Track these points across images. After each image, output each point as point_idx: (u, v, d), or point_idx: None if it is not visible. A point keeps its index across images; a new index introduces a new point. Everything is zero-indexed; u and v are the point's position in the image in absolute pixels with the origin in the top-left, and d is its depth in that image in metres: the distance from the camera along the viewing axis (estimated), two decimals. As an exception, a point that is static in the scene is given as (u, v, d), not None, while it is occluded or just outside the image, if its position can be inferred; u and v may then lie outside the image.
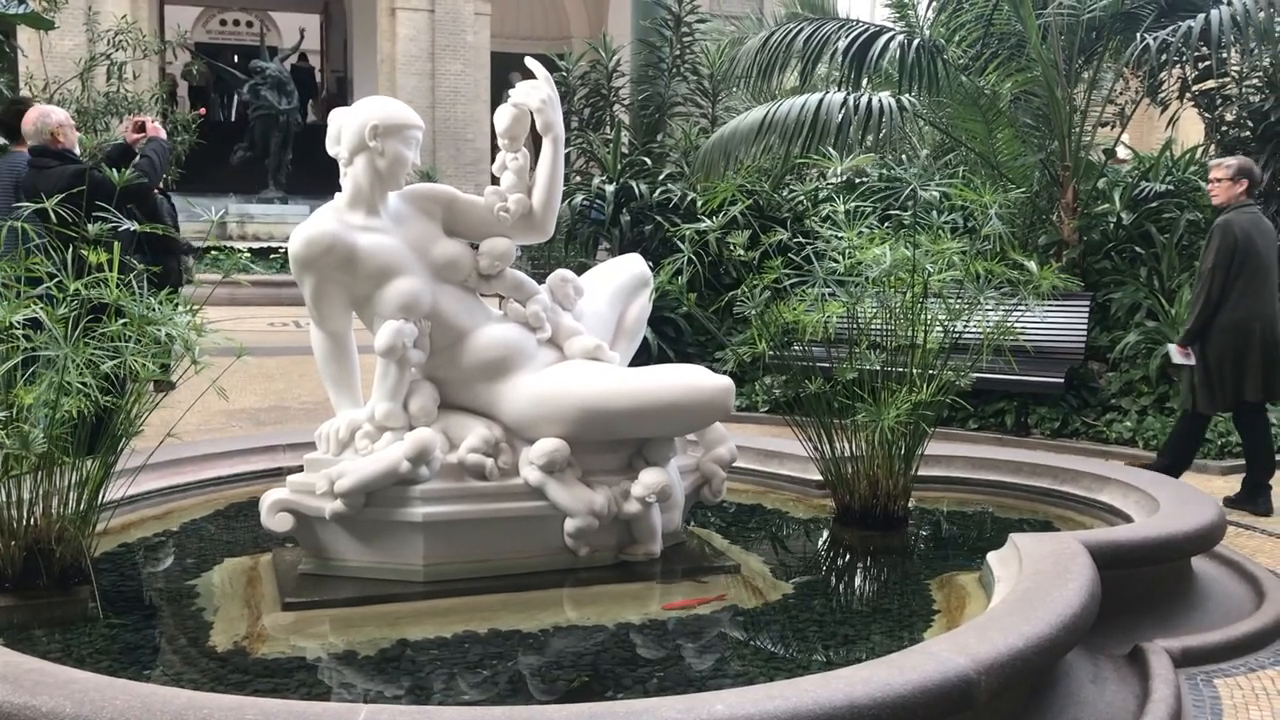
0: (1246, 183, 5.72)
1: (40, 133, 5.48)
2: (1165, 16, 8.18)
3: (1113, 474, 4.75)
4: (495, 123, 3.89)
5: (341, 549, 3.74)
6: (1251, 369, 5.57)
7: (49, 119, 5.52)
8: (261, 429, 7.34)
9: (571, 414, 3.72)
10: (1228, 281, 5.52)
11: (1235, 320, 5.54)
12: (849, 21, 9.10)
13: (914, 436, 4.22)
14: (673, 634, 3.51)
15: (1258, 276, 5.55)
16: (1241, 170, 5.76)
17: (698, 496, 4.21)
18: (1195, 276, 5.83)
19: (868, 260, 4.11)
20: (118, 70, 11.12)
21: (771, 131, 8.11)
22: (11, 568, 3.43)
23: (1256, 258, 5.56)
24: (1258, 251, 5.58)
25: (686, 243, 4.27)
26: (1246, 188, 5.72)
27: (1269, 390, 5.66)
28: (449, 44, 21.09)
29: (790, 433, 4.78)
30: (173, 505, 4.62)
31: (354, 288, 3.71)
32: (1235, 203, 5.72)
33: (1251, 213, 5.71)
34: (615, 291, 4.26)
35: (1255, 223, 5.68)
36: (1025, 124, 9.13)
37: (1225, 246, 5.54)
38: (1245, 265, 5.52)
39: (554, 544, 3.82)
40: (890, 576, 4.09)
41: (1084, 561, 3.41)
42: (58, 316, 3.29)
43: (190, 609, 3.60)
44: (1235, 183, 5.75)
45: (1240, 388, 5.60)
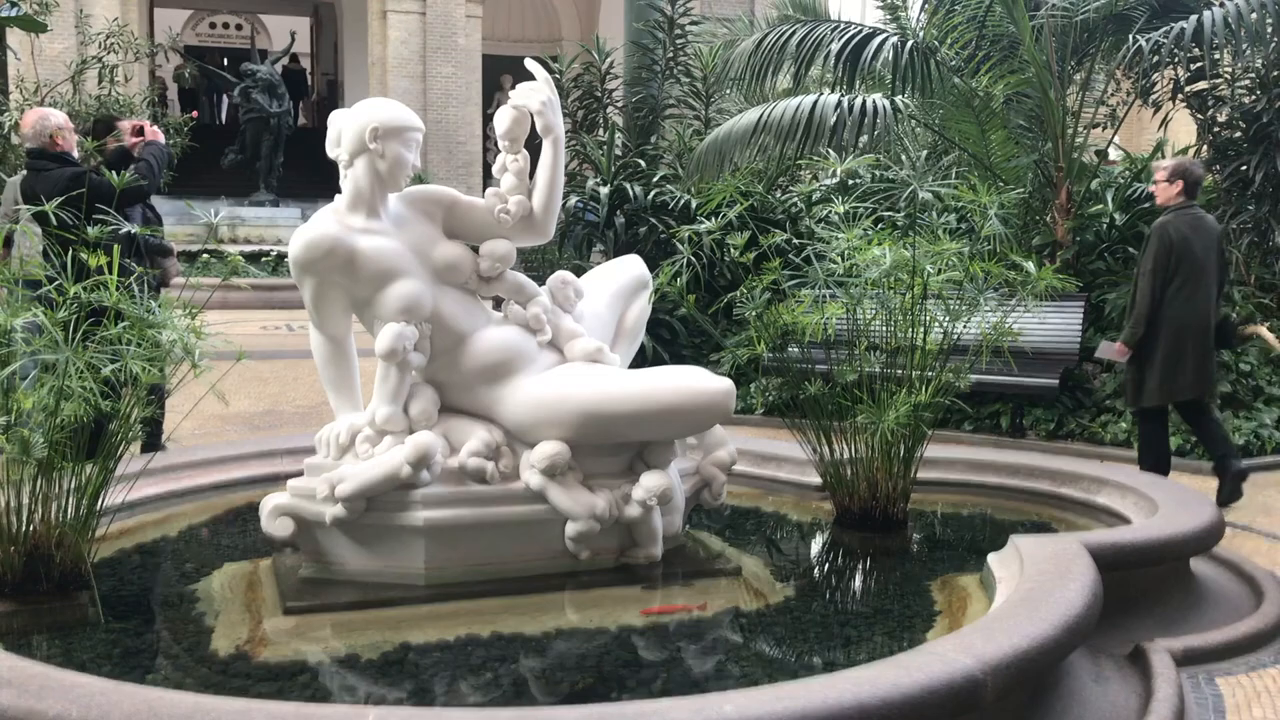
0: (1182, 184, 5.76)
1: (39, 135, 5.48)
2: (1157, 18, 8.21)
3: (1110, 476, 4.76)
4: (495, 125, 3.88)
5: (342, 553, 3.73)
6: (1185, 368, 5.66)
7: (48, 121, 5.53)
8: (256, 433, 7.32)
9: (572, 417, 3.72)
10: (1165, 283, 5.61)
11: (1171, 321, 5.63)
12: (842, 24, 9.11)
13: (913, 438, 4.22)
14: (675, 636, 3.51)
15: (1192, 279, 5.64)
16: (1176, 172, 5.80)
17: (698, 499, 4.21)
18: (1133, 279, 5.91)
19: (866, 261, 4.11)
20: (109, 73, 11.09)
21: (766, 133, 8.11)
22: (11, 573, 3.42)
23: (1192, 259, 5.64)
24: (1194, 253, 5.65)
25: (686, 244, 4.24)
26: (1183, 188, 5.76)
27: (1205, 388, 5.76)
28: (440, 46, 21.06)
29: (787, 435, 4.79)
30: (171, 511, 4.61)
31: (354, 291, 3.70)
32: (1174, 204, 5.77)
33: (1190, 214, 5.75)
34: (615, 293, 4.25)
35: (1193, 224, 5.72)
36: (1018, 125, 9.16)
37: (1162, 249, 5.61)
38: (1180, 267, 5.61)
39: (555, 547, 3.82)
40: (891, 578, 4.10)
41: (1085, 562, 3.42)
42: (57, 320, 3.27)
43: (191, 614, 3.58)
44: (1171, 184, 5.80)
45: (1174, 387, 5.68)
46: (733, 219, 5.77)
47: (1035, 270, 4.22)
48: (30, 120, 5.58)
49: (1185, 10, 8.12)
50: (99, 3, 17.26)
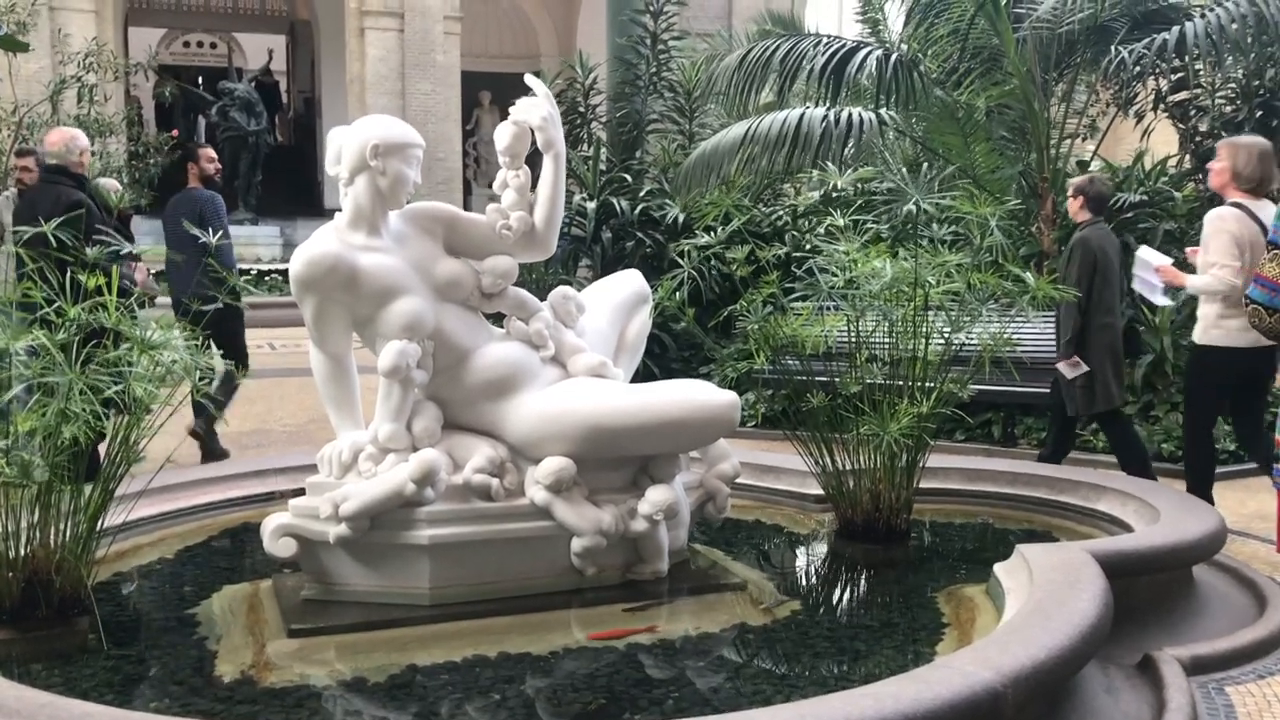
0: (1083, 199, 5.99)
1: (68, 154, 5.69)
2: (1138, 29, 8.28)
3: (1109, 483, 4.78)
4: (495, 140, 3.87)
5: (345, 573, 3.69)
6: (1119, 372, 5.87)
7: (78, 142, 5.79)
8: (245, 453, 7.25)
9: (577, 432, 3.70)
10: (1091, 291, 5.75)
11: (1104, 327, 5.80)
12: (826, 38, 9.15)
13: (915, 448, 4.22)
14: (683, 654, 3.48)
15: (1110, 286, 5.82)
16: (1077, 189, 6.07)
17: (702, 513, 4.19)
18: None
19: (866, 273, 4.11)
20: (89, 93, 11.01)
21: (755, 144, 8.13)
22: (9, 599, 3.35)
23: (1110, 269, 5.83)
24: (1111, 263, 5.85)
25: (686, 259, 4.23)
26: (1084, 203, 5.98)
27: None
28: (419, 63, 21.00)
29: (784, 447, 4.78)
30: (166, 532, 4.55)
31: (356, 308, 3.67)
32: (1089, 220, 5.98)
33: (1102, 228, 5.98)
34: (615, 308, 4.24)
35: (1105, 236, 5.95)
36: (1001, 137, 9.21)
37: (1086, 260, 5.76)
38: (1099, 276, 5.77)
39: (561, 564, 3.79)
40: (896, 590, 4.08)
41: (1094, 571, 3.42)
42: (58, 341, 3.23)
43: (192, 638, 3.53)
44: (1074, 199, 6.06)
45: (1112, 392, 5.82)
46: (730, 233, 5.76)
47: (1034, 280, 4.22)
48: (59, 139, 5.76)
49: (1165, 22, 8.20)
50: (74, 22, 17.12)
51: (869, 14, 13.19)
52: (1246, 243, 5.11)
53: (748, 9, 21.82)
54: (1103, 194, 6.08)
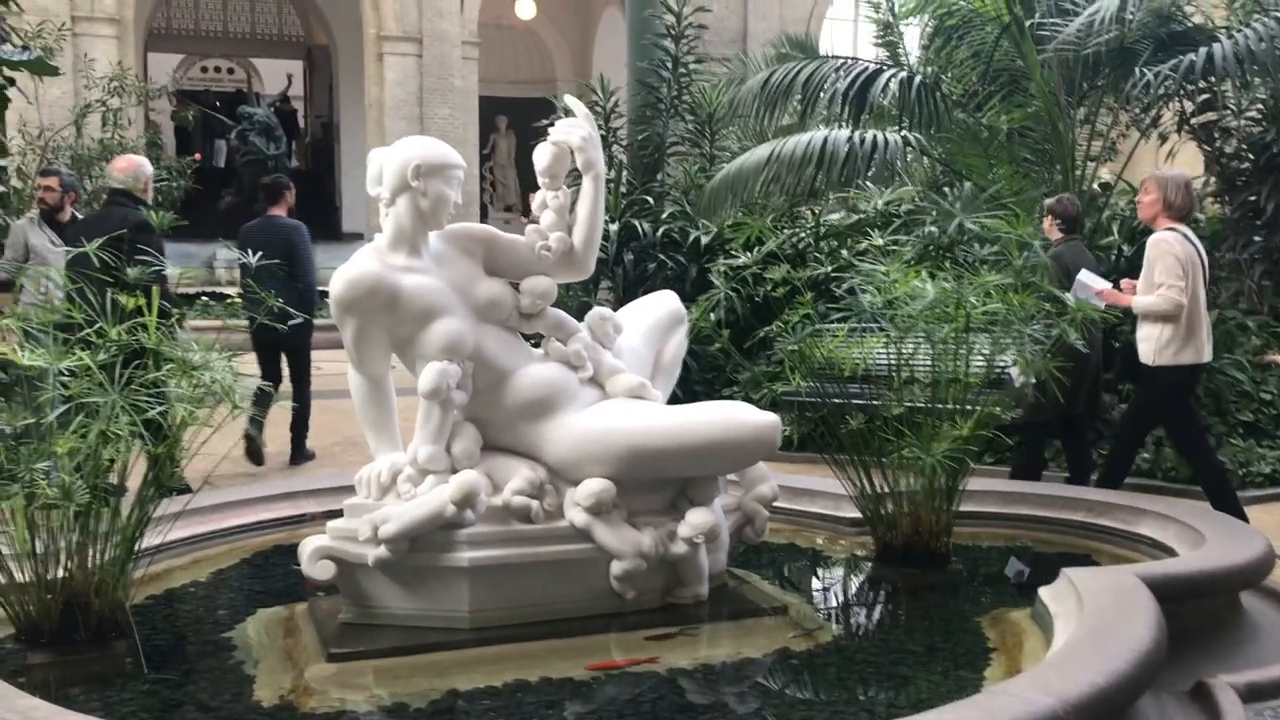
0: (1051, 218, 6.35)
1: (135, 180, 6.03)
2: (1162, 51, 8.27)
3: (1149, 506, 4.72)
4: (535, 161, 3.85)
5: (384, 596, 3.65)
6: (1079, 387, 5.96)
7: (145, 170, 6.15)
8: (272, 475, 7.23)
9: (617, 453, 3.66)
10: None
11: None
12: (848, 61, 9.17)
13: (956, 471, 4.17)
14: (725, 679, 3.43)
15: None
16: (1049, 209, 6.43)
17: (740, 537, 4.14)
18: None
19: (906, 294, 4.08)
20: (113, 116, 11.08)
21: (779, 165, 8.13)
22: (48, 622, 3.33)
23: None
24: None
25: (722, 279, 4.20)
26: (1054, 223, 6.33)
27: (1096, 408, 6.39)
28: (437, 88, 21.12)
29: (814, 469, 4.73)
30: (198, 554, 4.52)
31: (397, 329, 3.65)
32: (1062, 238, 6.28)
33: (1075, 245, 6.29)
34: (651, 329, 4.21)
35: (1079, 253, 6.22)
36: (1025, 159, 9.20)
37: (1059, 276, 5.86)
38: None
39: (600, 587, 3.74)
40: (939, 614, 4.02)
41: (1146, 595, 3.36)
42: (100, 361, 3.21)
43: (229, 662, 3.49)
44: (1047, 219, 6.40)
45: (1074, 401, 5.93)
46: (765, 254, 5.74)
47: (1074, 302, 4.18)
48: (127, 165, 6.09)
49: (1190, 44, 8.18)
50: (97, 46, 17.26)
51: (888, 38, 13.24)
52: (1189, 264, 5.48)
53: (763, 33, 21.91)
54: (1070, 213, 6.37)
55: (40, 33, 10.79)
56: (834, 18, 24.66)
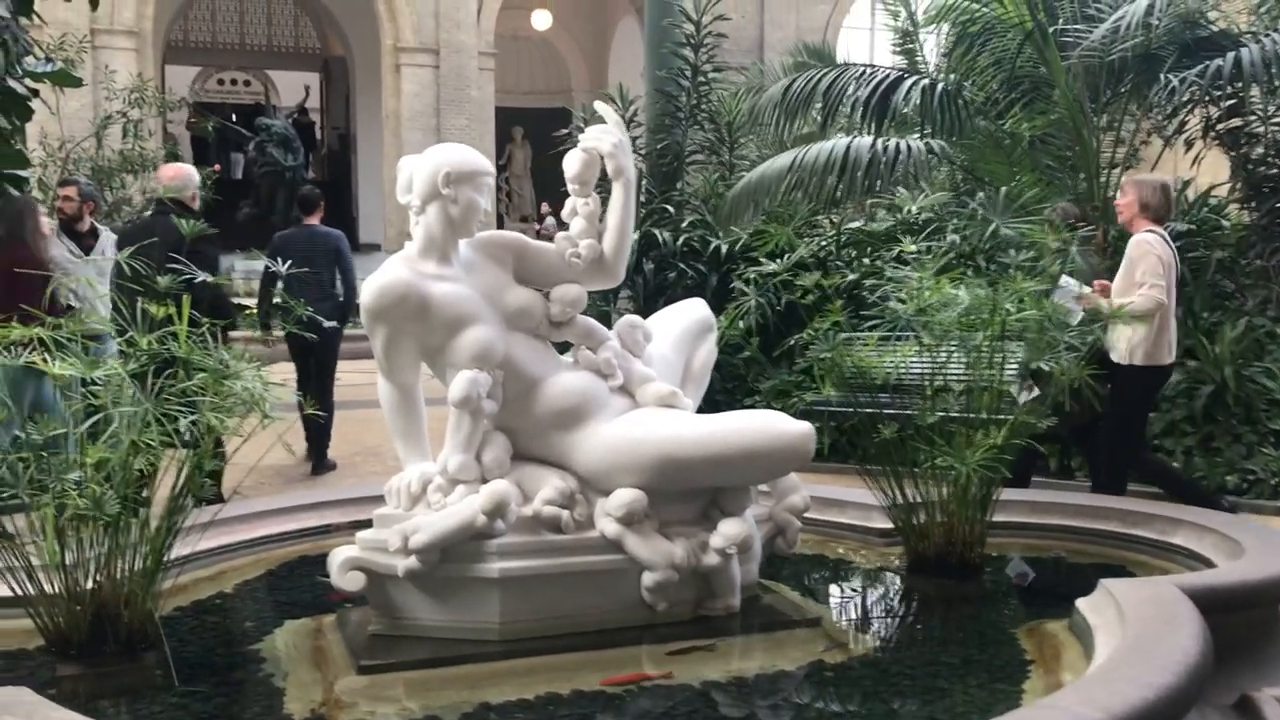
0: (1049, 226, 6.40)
1: (185, 189, 6.16)
2: (1187, 57, 8.19)
3: (1185, 516, 4.64)
4: (565, 168, 3.83)
5: (414, 608, 3.61)
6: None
7: (192, 179, 6.31)
8: (291, 486, 7.22)
9: (649, 463, 3.62)
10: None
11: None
12: (869, 69, 9.13)
13: (989, 481, 4.11)
14: (759, 692, 3.38)
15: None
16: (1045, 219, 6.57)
17: (771, 548, 4.10)
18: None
19: (939, 301, 4.03)
20: (134, 128, 11.12)
21: (802, 173, 8.09)
22: (78, 633, 3.30)
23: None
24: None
25: (751, 287, 4.16)
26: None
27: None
28: (454, 99, 21.19)
29: (839, 478, 4.68)
30: (224, 565, 4.49)
31: (427, 338, 3.62)
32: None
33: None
34: (680, 337, 4.17)
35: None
36: (1047, 166, 9.13)
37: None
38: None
39: (631, 598, 3.70)
40: (974, 626, 3.97)
41: (1188, 607, 3.31)
42: (131, 370, 3.19)
43: (258, 674, 3.46)
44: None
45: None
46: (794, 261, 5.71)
47: (1109, 308, 4.12)
48: (177, 173, 6.23)
49: (1214, 49, 8.10)
50: (116, 59, 17.38)
51: (906, 45, 13.19)
52: (1169, 265, 5.65)
53: (779, 42, 21.94)
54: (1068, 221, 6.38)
55: (62, 45, 10.84)
56: (850, 26, 24.65)
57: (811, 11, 23.77)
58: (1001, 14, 8.47)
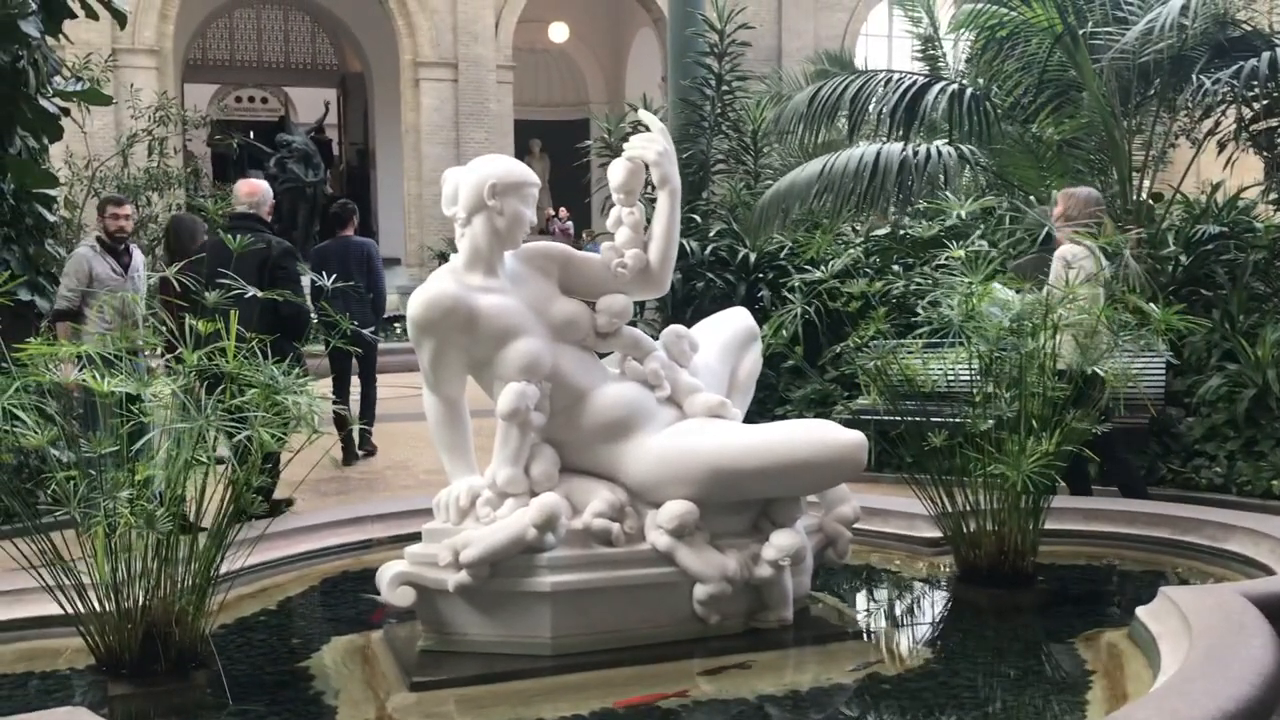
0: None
1: (261, 204, 6.31)
2: (1219, 58, 8.11)
3: (1238, 521, 4.57)
4: (610, 177, 3.79)
5: (464, 623, 3.57)
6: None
7: (268, 195, 6.46)
8: (325, 500, 7.18)
9: (700, 474, 3.57)
10: None
11: None
12: (896, 74, 9.08)
13: (1045, 488, 4.05)
14: (816, 705, 3.34)
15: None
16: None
17: (822, 559, 4.04)
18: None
19: (989, 307, 3.97)
20: (159, 145, 11.16)
21: (831, 178, 8.06)
22: (129, 652, 3.27)
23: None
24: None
25: (798, 295, 4.12)
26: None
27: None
28: (473, 112, 21.22)
29: (877, 486, 4.61)
30: (266, 582, 4.46)
31: (474, 350, 3.58)
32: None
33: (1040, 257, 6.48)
34: (725, 346, 4.12)
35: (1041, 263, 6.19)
36: (1077, 170, 9.05)
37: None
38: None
39: (682, 612, 3.65)
40: (1031, 636, 3.91)
41: (1256, 614, 3.24)
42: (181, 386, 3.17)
43: (309, 692, 3.43)
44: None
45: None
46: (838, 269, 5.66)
47: (1160, 312, 4.06)
48: (252, 190, 6.37)
49: (1247, 49, 8.02)
50: (138, 77, 17.45)
51: (929, 51, 13.15)
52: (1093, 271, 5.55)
53: (798, 51, 21.90)
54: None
55: (87, 64, 10.89)
56: (867, 34, 24.61)
57: (829, 19, 23.73)
58: (1031, 17, 8.40)
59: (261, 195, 6.37)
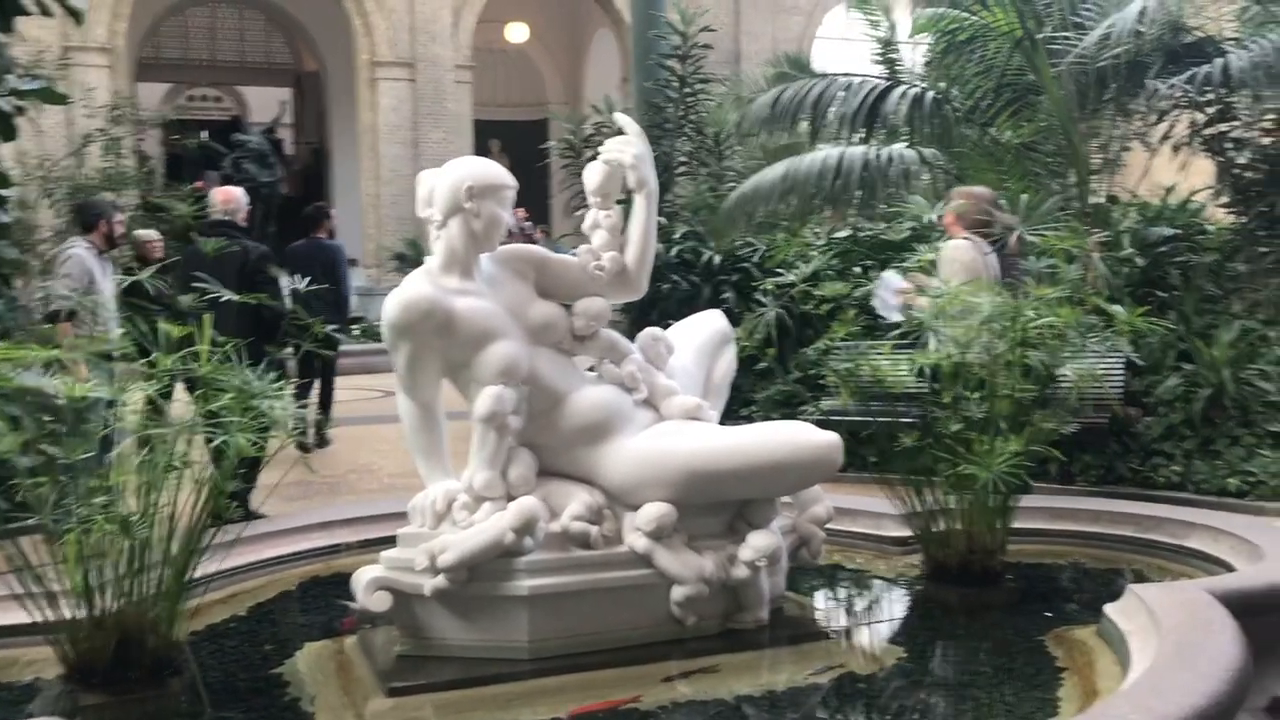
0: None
1: (237, 210, 6.48)
2: (1173, 63, 8.26)
3: (1198, 519, 4.66)
4: (585, 180, 3.80)
5: (441, 627, 3.56)
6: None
7: (243, 201, 6.66)
8: (290, 505, 7.11)
9: (678, 476, 3.58)
10: None
11: None
12: (858, 78, 9.16)
13: (1014, 487, 4.10)
14: (795, 705, 3.36)
15: None
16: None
17: (795, 559, 4.07)
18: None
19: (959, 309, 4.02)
20: (115, 146, 10.99)
21: (794, 180, 8.12)
22: (101, 661, 3.23)
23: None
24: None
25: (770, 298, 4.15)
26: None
27: None
28: (431, 112, 21.11)
29: (842, 485, 4.65)
30: (236, 588, 4.41)
31: (451, 353, 3.57)
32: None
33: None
34: (700, 349, 4.14)
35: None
36: (1035, 172, 9.17)
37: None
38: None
39: (660, 614, 3.66)
40: (1001, 634, 3.96)
41: (1222, 611, 3.30)
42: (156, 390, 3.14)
43: (284, 699, 3.41)
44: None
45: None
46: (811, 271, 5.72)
47: (1125, 314, 4.14)
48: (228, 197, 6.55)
49: (1200, 55, 8.18)
50: (90, 76, 17.17)
51: (888, 55, 13.25)
52: (976, 271, 5.78)
53: (756, 54, 22.00)
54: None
55: (39, 62, 10.69)
56: (824, 37, 24.77)
57: (787, 22, 23.89)
58: (991, 21, 8.50)
59: (237, 203, 6.55)
